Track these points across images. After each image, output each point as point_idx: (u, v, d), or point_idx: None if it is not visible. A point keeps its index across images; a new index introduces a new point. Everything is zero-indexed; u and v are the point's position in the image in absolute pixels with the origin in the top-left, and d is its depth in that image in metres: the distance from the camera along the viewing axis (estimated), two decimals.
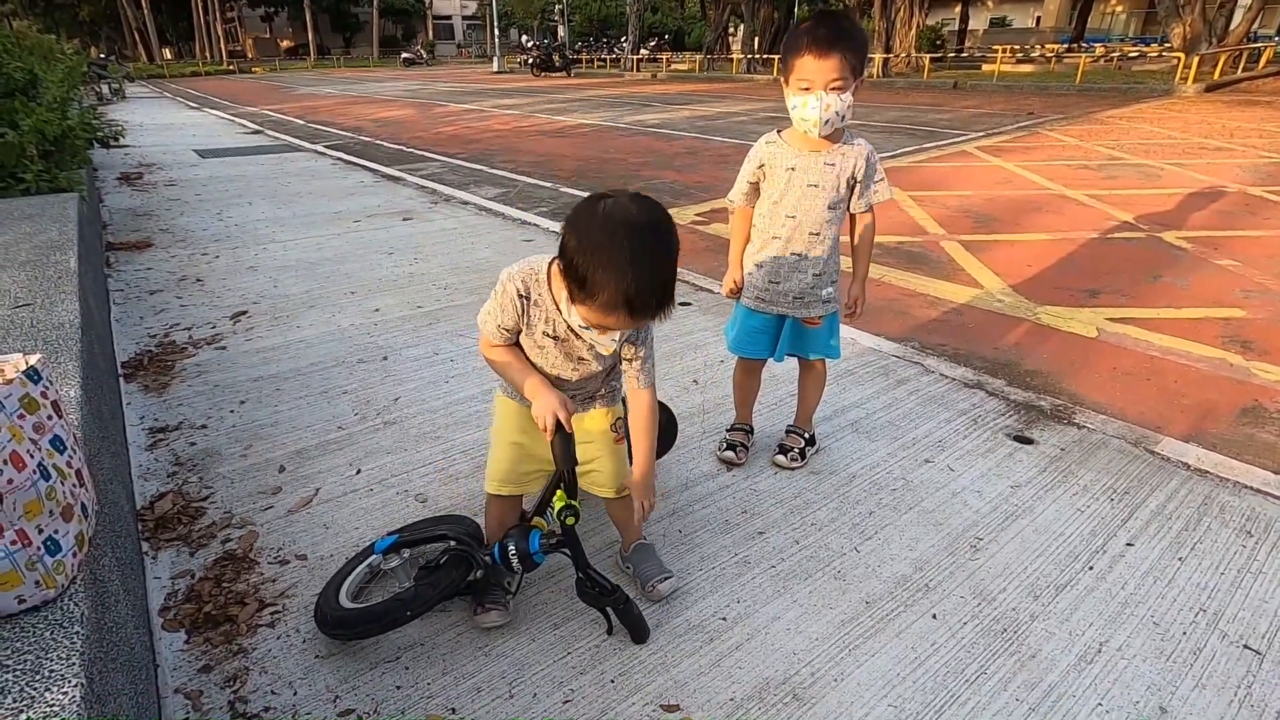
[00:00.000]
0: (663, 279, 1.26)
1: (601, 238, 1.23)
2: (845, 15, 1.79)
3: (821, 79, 1.72)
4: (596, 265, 1.22)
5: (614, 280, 1.22)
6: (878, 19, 22.58)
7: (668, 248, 1.28)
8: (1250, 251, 4.44)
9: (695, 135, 10.44)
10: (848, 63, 1.71)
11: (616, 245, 1.22)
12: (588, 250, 1.23)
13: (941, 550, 1.84)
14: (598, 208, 1.26)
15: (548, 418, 1.37)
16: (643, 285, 1.23)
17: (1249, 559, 1.80)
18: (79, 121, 5.15)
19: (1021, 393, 2.69)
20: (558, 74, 29.81)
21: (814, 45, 1.71)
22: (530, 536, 1.49)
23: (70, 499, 1.12)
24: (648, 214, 1.27)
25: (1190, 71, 15.60)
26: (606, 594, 1.52)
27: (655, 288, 1.25)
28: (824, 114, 1.75)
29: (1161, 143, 8.74)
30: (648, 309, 1.26)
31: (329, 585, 1.60)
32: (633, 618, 1.54)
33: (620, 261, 1.21)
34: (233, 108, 16.62)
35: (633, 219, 1.25)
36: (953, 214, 5.51)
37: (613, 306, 1.24)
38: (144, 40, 44.09)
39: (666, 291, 1.28)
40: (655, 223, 1.27)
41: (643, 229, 1.25)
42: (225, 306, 3.55)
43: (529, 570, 1.52)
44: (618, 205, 1.26)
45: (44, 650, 0.99)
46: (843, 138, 1.89)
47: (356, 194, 6.34)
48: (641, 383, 1.51)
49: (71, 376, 1.75)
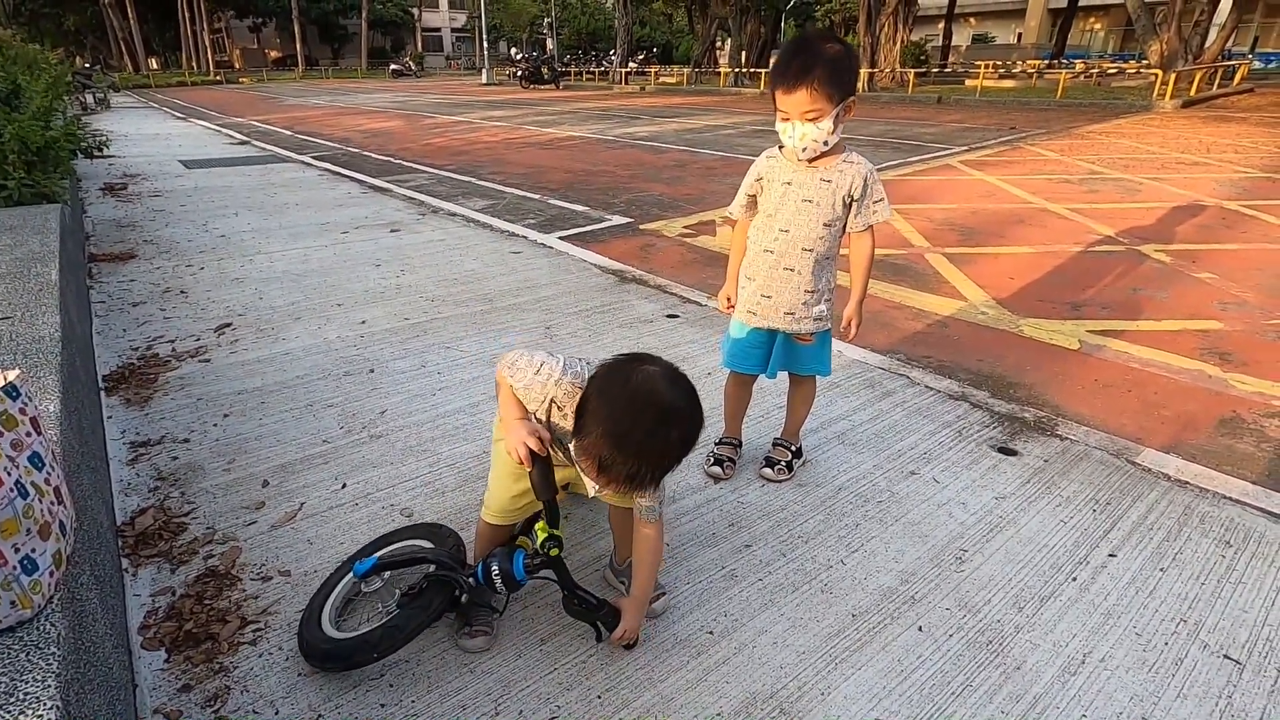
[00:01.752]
0: (669, 464, 1.30)
1: (624, 414, 1.25)
2: (822, 39, 1.73)
3: (794, 111, 1.73)
4: (610, 440, 1.24)
5: (621, 460, 1.25)
6: (862, 35, 22.90)
7: (684, 436, 1.28)
8: (1227, 264, 4.53)
9: (683, 148, 10.52)
10: (819, 92, 1.69)
11: (636, 424, 1.24)
12: (606, 420, 1.25)
13: (927, 562, 1.85)
14: (630, 378, 1.27)
15: (519, 450, 1.38)
16: (648, 466, 1.26)
17: (1228, 569, 1.83)
18: (63, 131, 5.11)
19: (1005, 404, 2.71)
20: (546, 86, 29.95)
21: (780, 79, 1.72)
22: (514, 558, 1.48)
23: (48, 517, 1.10)
24: (672, 396, 1.27)
25: (1168, 88, 15.93)
26: (594, 609, 1.51)
27: (660, 470, 1.29)
28: (799, 143, 1.77)
29: (1141, 157, 8.90)
30: (645, 484, 1.30)
31: (310, 613, 1.57)
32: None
33: (633, 444, 1.24)
34: (219, 118, 16.54)
35: (658, 399, 1.26)
36: (937, 227, 5.57)
37: (615, 480, 1.28)
38: (130, 50, 43.87)
39: (668, 470, 1.32)
40: (678, 408, 1.27)
41: (665, 412, 1.26)
42: (209, 319, 3.52)
43: (513, 590, 1.51)
44: (648, 379, 1.27)
45: (19, 672, 0.97)
46: (843, 154, 1.88)
47: (344, 205, 6.32)
48: (645, 518, 1.50)
49: (51, 391, 1.72)
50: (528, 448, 1.37)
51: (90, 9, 44.17)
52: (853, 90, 1.75)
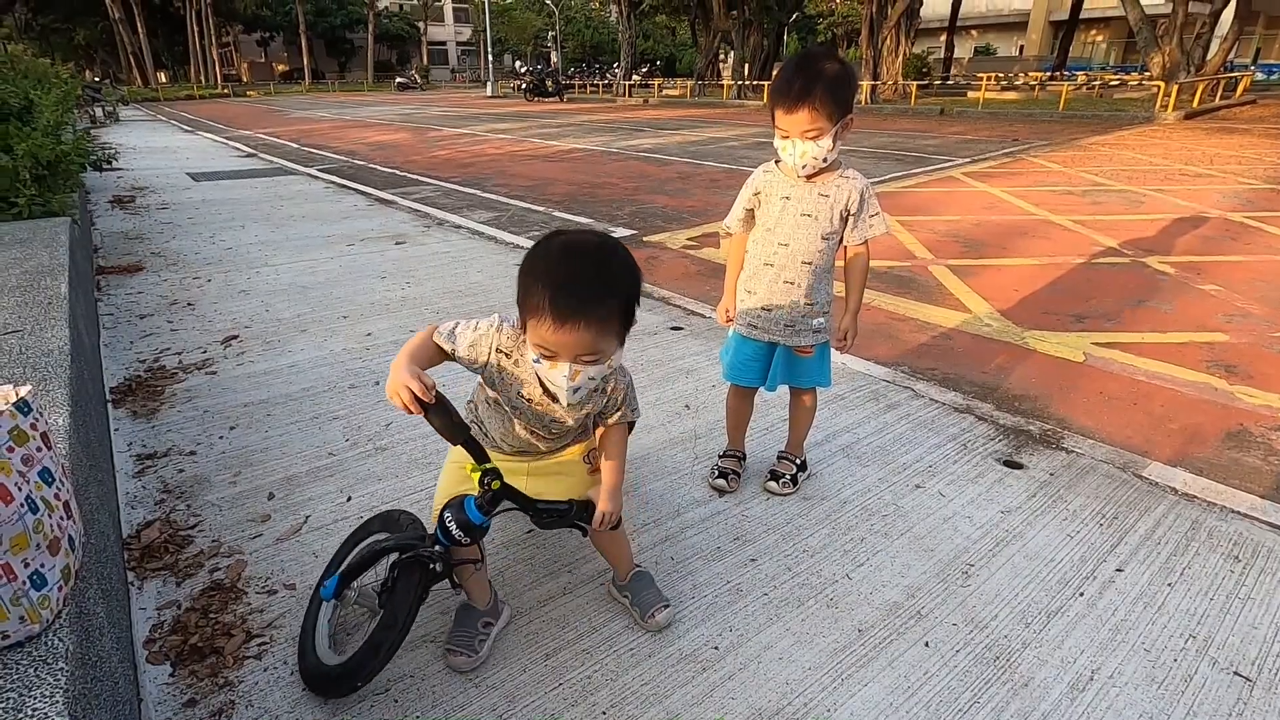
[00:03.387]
0: (588, 283, 1.23)
1: (540, 253, 1.29)
2: (822, 57, 1.75)
3: (794, 130, 1.75)
4: (532, 275, 1.26)
5: (540, 282, 1.24)
6: (865, 47, 23.05)
7: (601, 261, 1.27)
8: (1232, 276, 4.52)
9: (687, 160, 10.57)
10: (820, 112, 1.71)
11: (550, 256, 1.28)
12: (528, 267, 1.29)
13: (933, 577, 1.84)
14: (541, 242, 1.32)
15: (401, 394, 1.24)
16: (564, 285, 1.22)
17: (1237, 584, 1.81)
18: (73, 145, 5.17)
19: (1010, 417, 2.71)
20: (551, 99, 30.17)
21: (781, 100, 1.74)
22: (465, 505, 1.44)
23: (58, 532, 1.11)
24: (591, 237, 1.31)
25: (1170, 99, 15.98)
26: (565, 513, 1.48)
27: (578, 289, 1.22)
28: (799, 160, 1.79)
29: (1144, 169, 8.92)
30: (571, 312, 1.21)
31: (302, 651, 1.54)
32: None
33: (549, 266, 1.26)
34: (227, 131, 16.70)
35: (572, 238, 1.30)
36: (941, 239, 5.58)
37: (540, 310, 1.23)
38: (139, 64, 44.33)
39: (596, 299, 1.23)
40: (594, 244, 1.29)
41: (578, 244, 1.29)
42: (216, 331, 3.54)
43: (477, 537, 1.47)
44: (565, 233, 1.32)
45: (27, 688, 0.98)
46: (839, 169, 1.91)
47: (350, 218, 6.37)
48: (618, 421, 1.54)
49: (60, 405, 1.74)
50: (410, 391, 1.24)
51: (100, 24, 44.69)
52: (850, 108, 1.78)
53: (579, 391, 1.34)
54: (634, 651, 1.61)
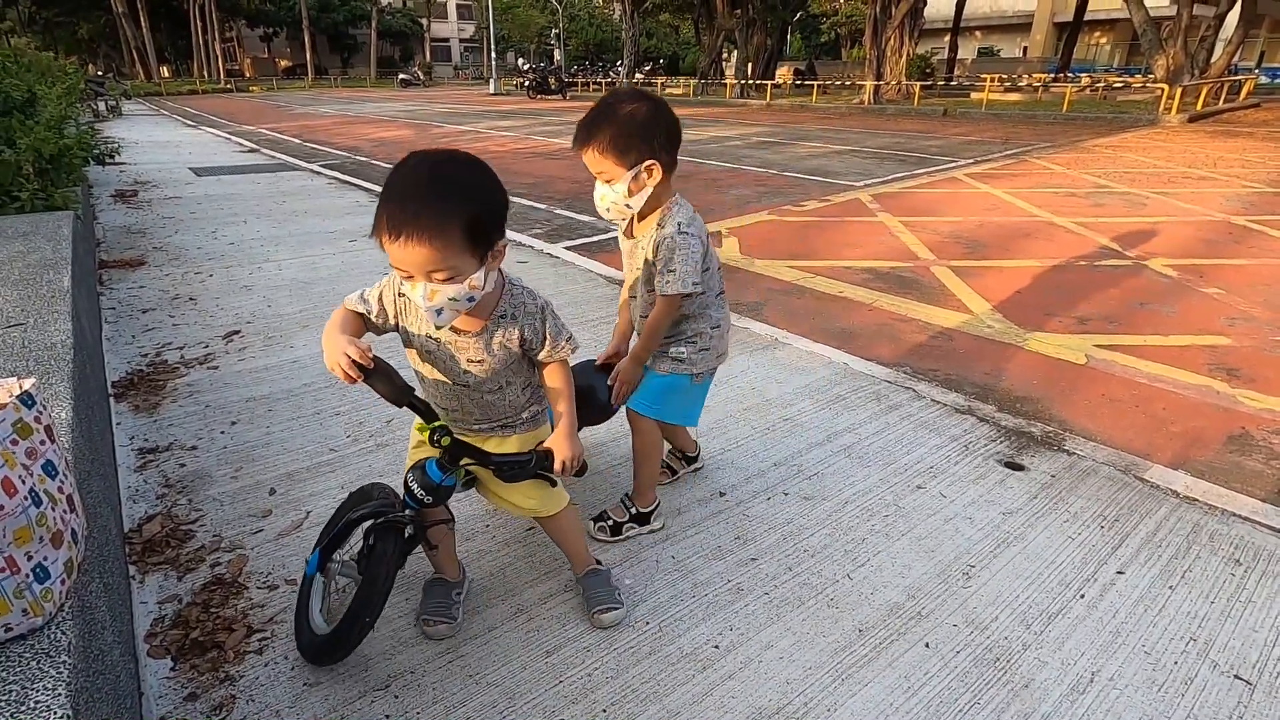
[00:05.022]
0: (420, 196, 1.20)
1: (391, 171, 1.26)
2: (625, 99, 1.64)
3: (591, 170, 1.67)
4: (381, 193, 1.24)
5: (382, 198, 1.22)
6: (869, 47, 23.02)
7: (440, 176, 1.24)
8: (1235, 279, 4.52)
9: (689, 159, 10.55)
10: (604, 155, 1.62)
11: (394, 172, 1.25)
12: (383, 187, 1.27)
13: (934, 577, 1.84)
14: (405, 157, 1.28)
15: (341, 362, 1.25)
16: (397, 198, 1.20)
17: (1238, 588, 1.81)
18: (76, 139, 5.17)
19: (1012, 419, 2.71)
20: (553, 96, 30.15)
21: (574, 140, 1.67)
22: (426, 467, 1.46)
23: (60, 525, 1.11)
24: (442, 154, 1.28)
25: (1174, 102, 15.94)
26: (526, 464, 1.47)
27: (409, 202, 1.20)
28: (598, 204, 1.72)
29: (1147, 171, 8.90)
30: (402, 223, 1.19)
31: (298, 630, 1.59)
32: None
33: (390, 181, 1.24)
34: (229, 126, 16.69)
35: (420, 154, 1.27)
36: (943, 240, 5.58)
37: (380, 225, 1.21)
38: (142, 58, 44.31)
39: (428, 212, 1.19)
40: (438, 158, 1.27)
41: (422, 158, 1.26)
42: (218, 326, 3.54)
43: (444, 498, 1.48)
44: (422, 152, 1.28)
45: (30, 680, 0.98)
46: (659, 219, 1.74)
47: (352, 213, 6.36)
48: (553, 359, 1.49)
49: (63, 398, 1.74)
50: (349, 357, 1.25)
51: (104, 18, 44.69)
52: (654, 153, 1.63)
53: (442, 314, 1.30)
54: (634, 649, 1.61)
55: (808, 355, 3.26)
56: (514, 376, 1.51)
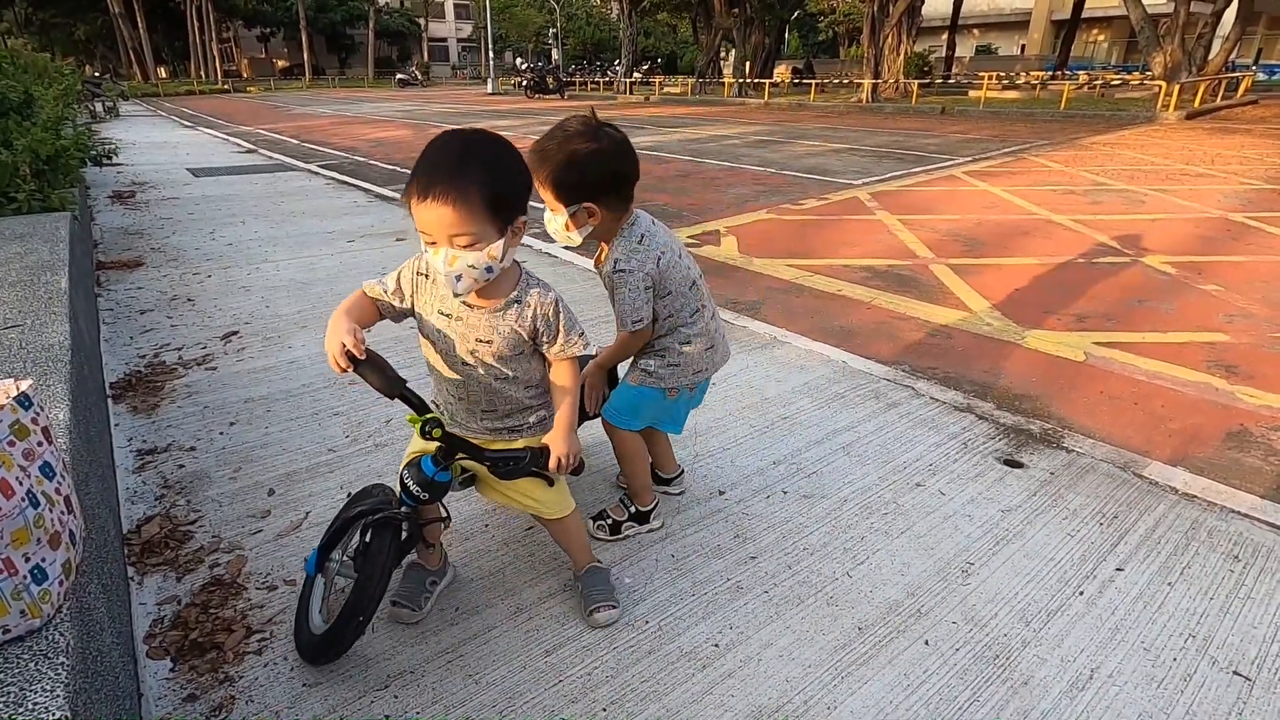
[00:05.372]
0: (449, 162, 1.27)
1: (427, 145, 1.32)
2: (563, 136, 1.63)
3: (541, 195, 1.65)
4: (412, 176, 1.28)
5: (415, 165, 1.28)
6: (866, 46, 23.01)
7: (470, 146, 1.30)
8: (1233, 276, 4.52)
9: (688, 158, 10.56)
10: (545, 189, 1.64)
11: (430, 144, 1.31)
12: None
13: (933, 575, 1.84)
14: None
15: (336, 353, 1.31)
16: (429, 162, 1.27)
17: (1237, 584, 1.81)
18: (73, 140, 5.16)
19: (1011, 416, 2.71)
20: (551, 96, 30.11)
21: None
22: (422, 464, 1.47)
23: (58, 526, 1.11)
24: (473, 131, 1.33)
25: (1171, 99, 15.96)
26: (521, 460, 1.45)
27: (440, 166, 1.26)
28: (548, 228, 1.75)
29: (1145, 169, 8.91)
30: (430, 183, 1.25)
31: (298, 629, 1.59)
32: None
33: (424, 151, 1.29)
34: (227, 127, 16.67)
35: (455, 130, 1.33)
36: (941, 238, 5.58)
37: (410, 189, 1.28)
38: (139, 59, 44.23)
39: (456, 174, 1.25)
40: (470, 133, 1.33)
41: (457, 132, 1.33)
42: (216, 327, 3.54)
43: (440, 494, 1.49)
44: (456, 129, 1.34)
45: (28, 682, 0.98)
46: (610, 252, 1.77)
47: (350, 214, 6.36)
48: (564, 355, 1.49)
49: (61, 399, 1.73)
50: (343, 346, 1.30)
51: (100, 19, 44.63)
52: (594, 196, 1.64)
53: (461, 280, 1.33)
54: (634, 648, 1.61)
55: (806, 354, 3.26)
56: (520, 369, 1.51)
